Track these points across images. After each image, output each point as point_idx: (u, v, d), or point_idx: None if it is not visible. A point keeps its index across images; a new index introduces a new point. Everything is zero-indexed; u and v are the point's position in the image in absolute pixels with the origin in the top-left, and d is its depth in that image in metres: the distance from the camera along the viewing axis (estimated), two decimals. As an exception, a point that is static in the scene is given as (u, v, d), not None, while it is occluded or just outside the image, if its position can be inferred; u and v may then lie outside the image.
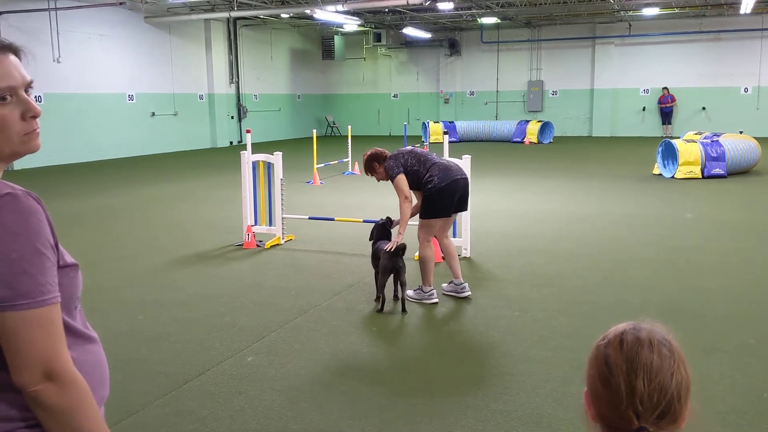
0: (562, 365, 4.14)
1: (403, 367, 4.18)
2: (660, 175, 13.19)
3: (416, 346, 4.53)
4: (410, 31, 24.04)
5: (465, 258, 6.86)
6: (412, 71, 27.95)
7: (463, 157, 6.80)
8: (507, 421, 3.46)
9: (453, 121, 23.96)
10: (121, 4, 16.17)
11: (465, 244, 6.92)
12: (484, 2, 19.45)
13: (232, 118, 23.17)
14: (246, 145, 7.80)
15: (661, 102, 23.97)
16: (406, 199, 5.26)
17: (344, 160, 14.79)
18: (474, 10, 20.83)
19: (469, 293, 5.56)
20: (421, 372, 4.09)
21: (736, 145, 13.06)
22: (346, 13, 19.26)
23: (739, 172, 13.05)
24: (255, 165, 7.78)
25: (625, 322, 1.29)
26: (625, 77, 24.71)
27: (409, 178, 5.27)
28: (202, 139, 21.91)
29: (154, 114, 19.97)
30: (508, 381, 3.93)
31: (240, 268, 6.69)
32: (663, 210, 9.53)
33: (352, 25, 23.01)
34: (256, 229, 7.70)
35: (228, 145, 22.66)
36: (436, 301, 5.45)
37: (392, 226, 5.57)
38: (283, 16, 21.02)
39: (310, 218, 8.08)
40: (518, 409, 3.58)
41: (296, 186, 12.16)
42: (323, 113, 28.21)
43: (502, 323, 4.97)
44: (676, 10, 21.14)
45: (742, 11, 19.78)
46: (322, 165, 13.73)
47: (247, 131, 8.12)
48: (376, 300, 5.39)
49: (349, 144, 15.08)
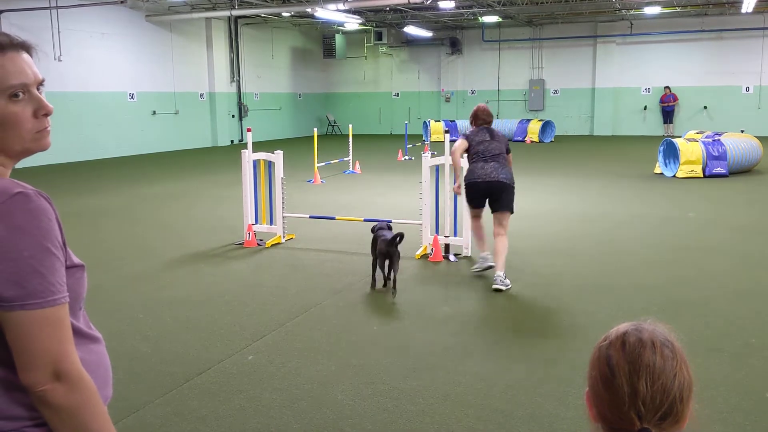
0: (563, 364, 4.14)
1: (404, 366, 4.18)
2: (661, 174, 13.18)
3: (416, 346, 4.53)
4: (411, 30, 24.02)
5: (465, 257, 6.87)
6: (413, 70, 27.93)
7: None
8: (508, 420, 3.45)
9: (454, 120, 23.95)
10: (122, 2, 16.14)
11: (465, 243, 6.92)
12: (486, 1, 19.44)
13: (233, 116, 23.17)
14: (247, 143, 7.80)
15: (663, 101, 23.94)
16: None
17: (345, 159, 14.79)
18: (475, 9, 20.82)
19: (491, 264, 6.05)
20: (421, 371, 4.09)
21: (738, 145, 13.05)
22: (347, 11, 19.26)
23: (741, 171, 13.05)
24: (256, 164, 7.78)
25: (626, 323, 1.28)
26: (627, 76, 24.69)
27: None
28: (203, 137, 21.92)
29: (155, 113, 19.97)
30: (508, 380, 3.93)
31: (240, 267, 6.69)
32: (664, 209, 9.52)
33: (353, 23, 23.00)
34: (257, 228, 7.69)
35: (229, 143, 22.66)
36: (492, 265, 5.98)
37: (400, 241, 5.74)
38: (284, 14, 21.01)
39: (310, 217, 8.08)
40: (519, 408, 3.58)
41: (297, 185, 12.16)
42: (324, 112, 28.21)
43: (502, 322, 4.97)
44: (678, 9, 21.11)
45: (743, 10, 19.75)
46: (323, 164, 13.73)
47: (248, 130, 8.12)
48: (372, 280, 5.96)
49: (350, 143, 15.09)
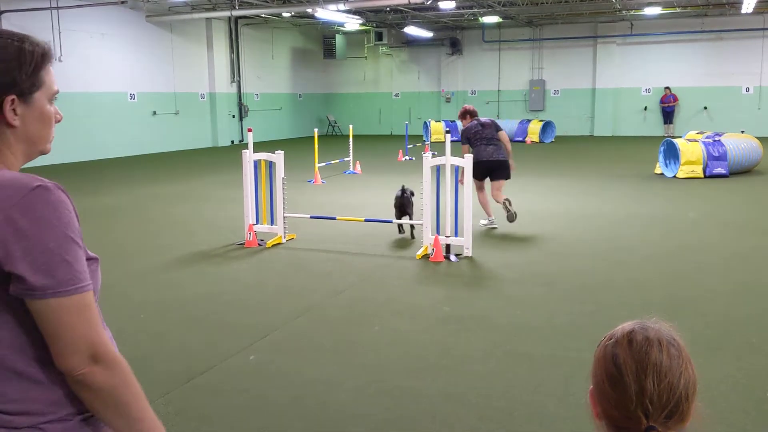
0: (564, 364, 4.14)
1: (405, 366, 4.19)
2: (662, 174, 13.19)
3: (417, 346, 4.53)
4: (412, 30, 24.02)
5: (466, 257, 6.88)
6: (414, 70, 27.94)
7: (465, 156, 6.86)
8: (509, 419, 3.46)
9: (455, 121, 23.94)
10: (122, 2, 16.15)
11: (466, 243, 6.93)
12: (486, 1, 19.44)
13: (234, 117, 23.17)
14: (247, 144, 7.80)
15: (664, 102, 23.95)
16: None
17: (345, 160, 14.80)
18: (475, 9, 20.83)
19: (495, 226, 8.28)
20: (423, 371, 4.10)
21: (738, 145, 13.05)
22: (348, 12, 19.26)
23: (741, 171, 13.05)
24: (256, 164, 7.78)
25: (631, 321, 1.29)
26: (627, 76, 24.70)
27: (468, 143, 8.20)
28: (204, 138, 21.92)
29: (155, 113, 19.98)
30: (510, 379, 3.93)
31: (242, 267, 6.70)
32: (665, 209, 9.53)
33: (353, 24, 23.00)
34: (258, 228, 7.70)
35: (229, 144, 22.67)
36: (495, 226, 8.32)
37: (412, 195, 7.88)
38: (285, 15, 21.01)
39: (311, 217, 8.08)
40: (520, 407, 3.58)
41: (298, 185, 12.17)
42: (324, 112, 28.21)
43: (503, 322, 4.98)
44: (678, 10, 21.13)
45: (743, 11, 19.77)
46: (324, 164, 13.73)
47: (249, 130, 8.13)
48: (398, 227, 7.96)
49: (351, 143, 15.09)
